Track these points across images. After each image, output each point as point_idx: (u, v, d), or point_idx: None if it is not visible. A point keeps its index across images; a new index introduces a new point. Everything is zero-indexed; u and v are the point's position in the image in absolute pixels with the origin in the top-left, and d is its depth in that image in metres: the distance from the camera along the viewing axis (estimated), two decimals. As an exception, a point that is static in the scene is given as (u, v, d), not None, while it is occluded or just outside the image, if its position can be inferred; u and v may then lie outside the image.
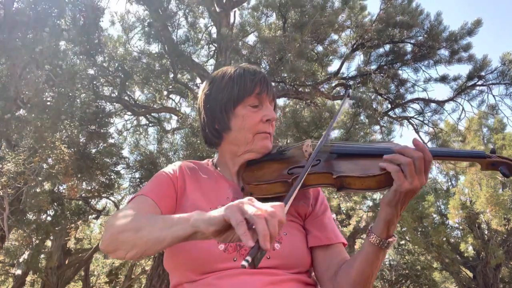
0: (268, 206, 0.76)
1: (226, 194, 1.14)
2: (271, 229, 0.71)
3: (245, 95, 1.15)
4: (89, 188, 7.25)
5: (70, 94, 5.20)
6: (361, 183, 0.97)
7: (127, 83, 8.07)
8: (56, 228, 7.52)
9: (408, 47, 7.69)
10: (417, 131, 8.27)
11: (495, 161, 0.89)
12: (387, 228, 0.98)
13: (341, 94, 8.12)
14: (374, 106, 7.40)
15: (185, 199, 1.12)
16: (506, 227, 11.88)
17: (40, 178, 5.59)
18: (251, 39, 7.98)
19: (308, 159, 1.05)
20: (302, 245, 1.09)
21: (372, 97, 7.69)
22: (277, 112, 1.28)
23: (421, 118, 8.17)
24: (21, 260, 10.39)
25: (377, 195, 14.18)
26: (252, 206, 0.75)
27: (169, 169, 1.18)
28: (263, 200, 1.10)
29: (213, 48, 9.09)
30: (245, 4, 8.47)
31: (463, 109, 7.71)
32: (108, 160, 6.74)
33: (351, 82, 7.92)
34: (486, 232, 12.60)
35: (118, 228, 0.91)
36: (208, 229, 0.78)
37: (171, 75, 8.12)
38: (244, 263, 0.68)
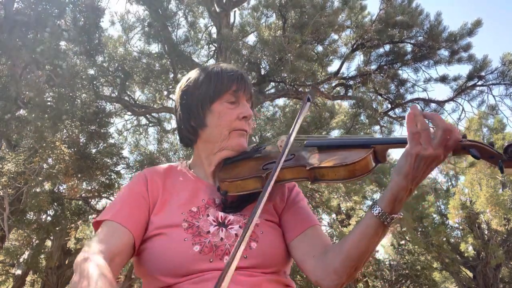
0: None
1: (202, 195, 1.12)
2: None
3: (222, 92, 1.14)
4: (89, 188, 7.26)
5: (71, 94, 5.20)
6: (334, 173, 0.96)
7: (127, 83, 8.07)
8: (56, 228, 7.52)
9: (408, 47, 7.70)
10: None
11: (465, 144, 0.88)
12: (393, 201, 0.91)
13: (341, 94, 8.13)
14: (374, 106, 7.40)
15: (158, 209, 1.08)
16: (506, 227, 11.88)
17: (40, 178, 5.59)
18: (251, 39, 7.99)
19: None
20: (278, 244, 1.07)
21: (372, 97, 7.70)
22: (254, 112, 1.27)
23: (421, 118, 8.16)
24: (21, 260, 10.40)
25: (377, 195, 14.18)
26: None
27: (137, 180, 1.15)
28: (239, 197, 1.10)
29: (213, 48, 9.09)
30: (245, 4, 8.48)
31: (463, 109, 7.71)
32: (108, 160, 6.75)
33: (351, 82, 7.92)
34: (486, 232, 12.60)
35: None
36: None
37: (171, 75, 8.12)
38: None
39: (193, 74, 1.22)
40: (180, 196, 1.11)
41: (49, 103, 5.44)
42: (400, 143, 0.95)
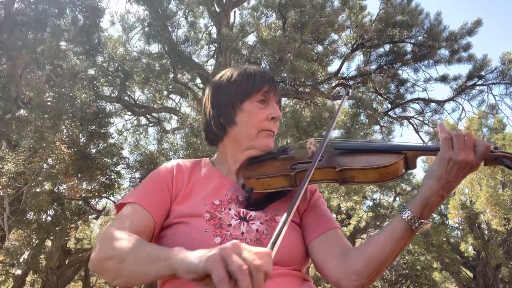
0: (253, 256, 0.67)
1: (225, 191, 1.13)
2: (255, 285, 0.64)
3: (254, 92, 1.16)
4: (89, 188, 7.25)
5: (71, 94, 5.20)
6: (365, 176, 0.98)
7: (127, 83, 8.07)
8: (56, 228, 7.52)
9: (408, 47, 7.70)
10: (417, 131, 8.28)
11: (497, 155, 0.91)
12: (424, 206, 0.92)
13: (341, 94, 8.12)
14: (374, 106, 7.40)
15: (181, 199, 1.10)
16: (506, 227, 11.87)
17: (40, 178, 5.59)
18: (251, 39, 7.99)
19: (312, 156, 1.07)
20: (297, 243, 1.08)
21: (372, 97, 7.70)
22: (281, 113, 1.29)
23: (421, 118, 8.18)
24: (21, 260, 10.40)
25: (377, 195, 14.18)
26: (237, 257, 0.66)
27: (164, 168, 1.17)
28: (265, 194, 1.11)
29: (213, 48, 9.09)
30: (245, 4, 8.48)
31: (463, 109, 7.72)
32: (108, 160, 6.75)
33: (351, 82, 7.92)
34: (486, 232, 12.60)
35: (104, 254, 0.90)
36: (187, 276, 0.73)
37: (171, 75, 8.12)
38: None
39: (226, 72, 1.23)
40: (204, 189, 1.13)
41: (49, 103, 5.44)
42: (431, 150, 0.99)
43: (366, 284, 1.00)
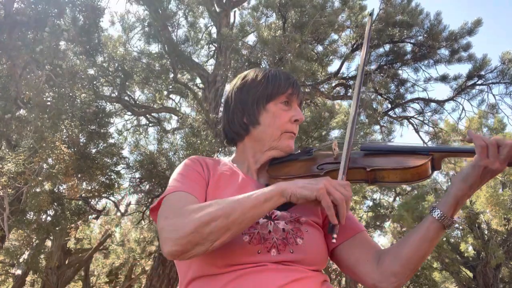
0: (343, 188, 0.91)
1: (250, 189, 1.10)
2: (347, 209, 0.91)
3: (279, 93, 1.18)
4: (89, 188, 7.25)
5: (71, 94, 5.20)
6: (395, 176, 1.01)
7: (127, 83, 8.07)
8: (56, 228, 7.52)
9: (408, 47, 7.70)
10: (417, 131, 8.28)
11: None
12: (455, 205, 0.99)
13: (341, 94, 8.13)
14: (374, 106, 7.40)
15: (213, 187, 1.12)
16: (506, 227, 11.87)
17: (40, 178, 5.58)
18: (251, 39, 7.99)
19: (337, 157, 1.10)
20: (321, 243, 1.09)
21: (372, 97, 7.69)
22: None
23: (421, 118, 8.18)
24: (21, 260, 10.40)
25: (377, 196, 14.19)
26: (335, 189, 0.90)
27: (189, 161, 1.17)
28: None
29: (213, 48, 9.10)
30: (245, 4, 8.48)
31: (463, 108, 7.72)
32: (108, 160, 6.74)
33: (351, 82, 7.92)
34: (486, 232, 12.60)
35: (198, 223, 0.90)
36: (298, 201, 0.91)
37: (171, 75, 8.12)
38: (333, 240, 0.91)
39: (250, 72, 1.25)
40: (230, 185, 1.13)
41: (49, 103, 5.43)
42: (459, 152, 1.05)
43: (403, 283, 1.07)
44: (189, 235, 0.89)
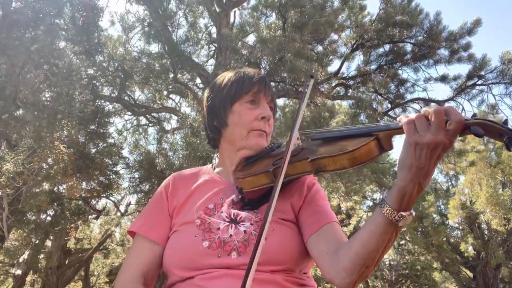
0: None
1: (221, 194, 1.17)
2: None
3: (243, 93, 1.19)
4: (89, 188, 7.25)
5: (70, 92, 5.18)
6: (335, 163, 0.95)
7: (127, 83, 8.06)
8: (56, 228, 7.51)
9: (408, 47, 7.70)
10: (417, 131, 8.26)
11: (467, 123, 0.81)
12: (401, 197, 0.86)
13: (341, 94, 8.13)
14: (374, 106, 7.40)
15: (178, 212, 1.17)
16: (506, 227, 11.87)
17: (39, 178, 5.58)
18: (251, 39, 7.98)
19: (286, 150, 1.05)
20: (289, 242, 1.06)
21: (372, 97, 7.69)
22: (275, 113, 1.31)
23: (421, 118, 8.15)
24: (21, 260, 10.39)
25: (377, 195, 14.18)
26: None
27: (162, 187, 1.24)
28: (260, 194, 1.12)
29: (213, 48, 9.09)
30: (245, 4, 8.47)
31: (463, 108, 7.71)
32: (108, 160, 6.74)
33: (351, 82, 7.91)
34: (486, 232, 12.60)
35: None
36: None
37: (171, 75, 8.11)
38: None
39: (219, 78, 1.28)
40: (201, 196, 1.17)
41: (47, 103, 5.43)
42: (399, 128, 0.90)
43: (358, 281, 0.97)
44: None
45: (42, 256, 10.22)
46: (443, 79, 7.67)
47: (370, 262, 0.94)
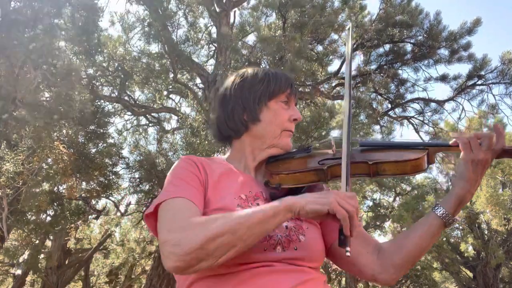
0: (352, 200, 0.91)
1: (248, 187, 1.12)
2: (357, 220, 0.91)
3: (280, 92, 1.19)
4: (89, 188, 7.25)
5: (70, 92, 5.17)
6: (396, 168, 1.06)
7: (127, 83, 8.06)
8: (56, 228, 7.51)
9: (408, 47, 7.69)
10: (417, 131, 8.27)
11: (508, 148, 1.02)
12: (458, 204, 1.04)
13: (341, 94, 8.12)
14: (374, 106, 7.40)
15: (212, 188, 1.08)
16: (506, 227, 11.87)
17: (39, 178, 5.58)
18: (251, 39, 7.98)
19: (336, 153, 1.14)
20: (320, 240, 1.11)
21: (372, 97, 7.69)
22: None
23: (421, 118, 8.17)
24: (21, 260, 10.40)
25: (377, 195, 14.18)
26: (345, 202, 0.90)
27: (183, 162, 1.13)
28: (286, 192, 1.11)
29: (213, 48, 9.09)
30: (245, 4, 8.47)
31: (463, 108, 7.71)
32: (107, 160, 6.73)
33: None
34: (486, 232, 12.59)
35: (203, 238, 0.87)
36: (308, 215, 0.92)
37: (171, 75, 8.11)
38: (348, 254, 0.89)
39: (248, 70, 1.25)
40: (230, 183, 1.11)
41: (45, 103, 5.42)
42: (446, 146, 1.10)
43: (401, 275, 1.12)
44: (194, 251, 0.86)
45: (42, 256, 10.22)
46: (443, 79, 7.67)
47: (417, 259, 1.10)
